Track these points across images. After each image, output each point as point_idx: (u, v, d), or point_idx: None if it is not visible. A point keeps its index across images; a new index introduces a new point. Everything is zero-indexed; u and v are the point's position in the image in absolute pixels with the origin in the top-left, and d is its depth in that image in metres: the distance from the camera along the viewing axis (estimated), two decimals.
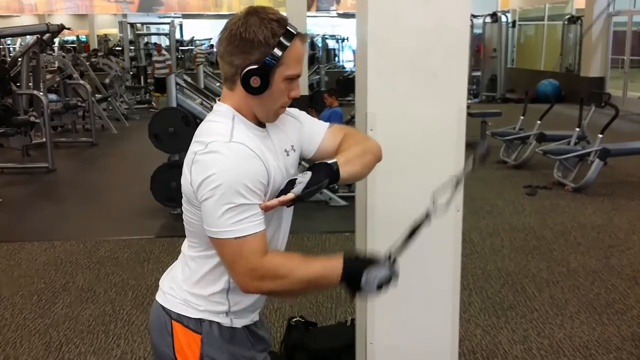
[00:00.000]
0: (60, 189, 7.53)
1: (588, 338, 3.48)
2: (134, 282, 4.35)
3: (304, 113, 1.71)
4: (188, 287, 1.60)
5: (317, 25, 22.56)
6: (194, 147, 1.47)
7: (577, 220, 5.67)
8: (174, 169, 5.81)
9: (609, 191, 6.71)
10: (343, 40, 21.69)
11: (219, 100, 1.58)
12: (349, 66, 19.93)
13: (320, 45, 16.90)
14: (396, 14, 2.12)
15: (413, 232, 1.54)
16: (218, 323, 1.59)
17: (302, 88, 11.51)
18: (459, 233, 2.39)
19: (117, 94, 13.37)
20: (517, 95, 15.04)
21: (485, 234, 5.27)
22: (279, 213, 1.58)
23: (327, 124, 1.74)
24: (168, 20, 17.34)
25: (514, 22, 17.97)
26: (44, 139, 8.34)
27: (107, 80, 13.02)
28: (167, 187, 5.73)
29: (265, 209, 1.45)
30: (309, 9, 16.20)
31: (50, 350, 3.43)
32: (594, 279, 4.32)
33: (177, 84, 5.91)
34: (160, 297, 1.68)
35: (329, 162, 1.54)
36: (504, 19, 16.25)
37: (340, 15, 24.03)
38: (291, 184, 1.48)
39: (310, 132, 1.70)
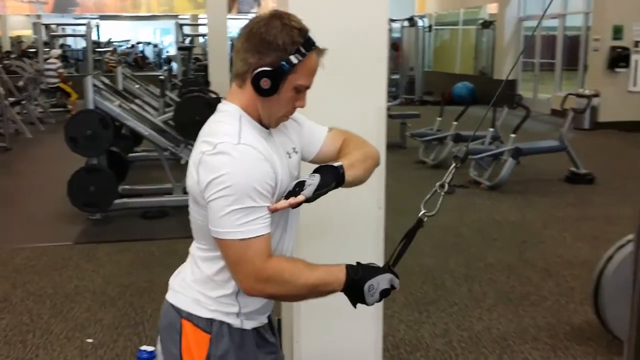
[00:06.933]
0: None
1: (505, 329, 3.63)
2: (52, 291, 4.20)
3: (302, 116, 1.71)
4: (198, 287, 1.59)
5: (239, 28, 22.41)
6: (201, 146, 1.47)
7: (493, 216, 5.90)
8: (92, 174, 5.67)
9: (521, 188, 7.01)
10: None
11: (224, 98, 1.58)
12: None
13: None
14: (316, 16, 2.14)
15: (408, 241, 1.60)
16: (228, 324, 1.58)
17: (225, 90, 11.42)
18: (382, 231, 2.45)
19: (31, 97, 12.85)
20: (435, 98, 15.46)
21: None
22: (285, 215, 1.58)
23: (327, 127, 1.76)
24: (84, 21, 16.80)
25: (430, 27, 18.45)
26: None
27: (20, 83, 12.50)
28: (85, 191, 5.57)
29: (274, 211, 1.46)
30: (229, 11, 16.10)
31: None
32: (510, 272, 4.51)
33: (94, 85, 5.76)
34: (170, 296, 1.65)
35: (335, 165, 1.56)
36: (420, 23, 16.66)
37: None
38: (300, 185, 1.49)
39: (310, 135, 1.72)
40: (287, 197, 1.48)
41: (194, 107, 6.03)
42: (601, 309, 3.27)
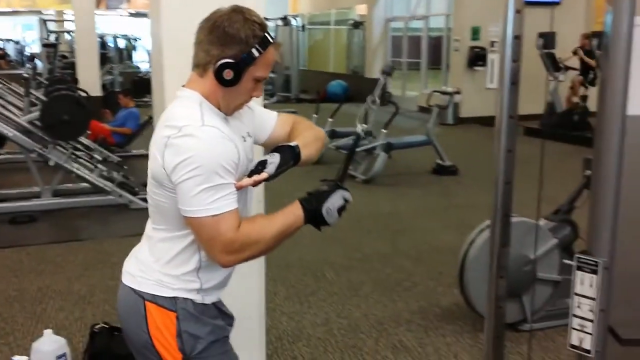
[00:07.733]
0: None
1: (381, 314, 3.82)
2: None
3: (253, 102, 1.75)
4: (160, 267, 1.62)
5: (108, 24, 21.60)
6: (164, 131, 1.52)
7: (368, 208, 6.13)
8: None
9: (393, 181, 7.35)
10: (135, 40, 21.04)
11: (183, 86, 1.61)
12: (143, 66, 19.37)
13: (112, 45, 16.25)
14: (189, 14, 2.16)
15: (350, 157, 1.73)
16: (191, 300, 1.63)
17: (95, 89, 10.99)
18: None
19: None
20: (310, 96, 15.72)
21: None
22: (244, 192, 1.64)
23: (276, 113, 1.84)
24: None
25: (303, 26, 18.70)
26: None
27: None
28: None
29: (239, 188, 1.53)
30: (97, 6, 15.50)
31: None
32: (385, 261, 4.74)
33: None
34: (129, 281, 1.68)
35: (292, 144, 1.67)
36: (294, 22, 16.85)
37: (132, 15, 23.26)
38: (262, 164, 1.58)
39: (261, 119, 1.79)
40: (250, 175, 1.57)
41: (61, 106, 5.77)
42: (466, 289, 3.53)
